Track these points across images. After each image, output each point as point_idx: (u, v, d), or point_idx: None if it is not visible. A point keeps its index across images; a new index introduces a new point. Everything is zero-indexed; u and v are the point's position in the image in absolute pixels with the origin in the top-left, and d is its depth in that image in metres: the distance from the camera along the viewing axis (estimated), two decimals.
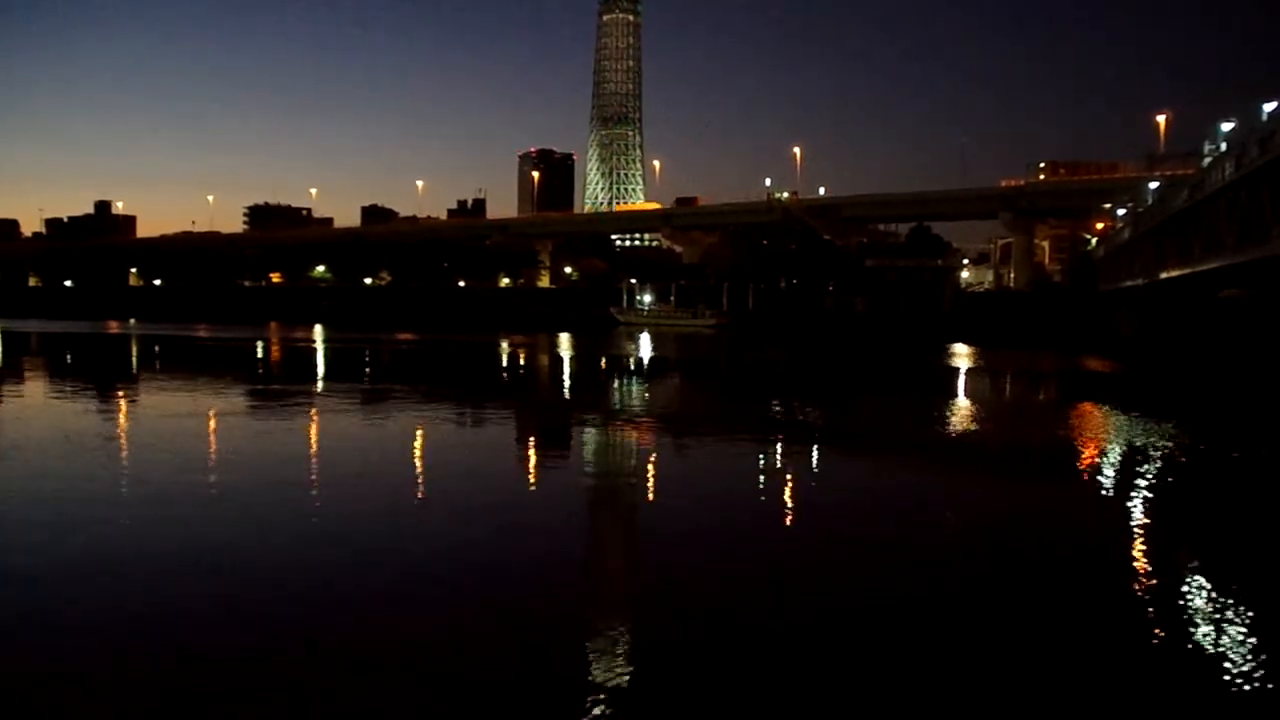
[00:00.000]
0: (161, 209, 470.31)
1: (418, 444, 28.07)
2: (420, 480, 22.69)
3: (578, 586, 14.47)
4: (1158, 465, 26.11)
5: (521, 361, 69.17)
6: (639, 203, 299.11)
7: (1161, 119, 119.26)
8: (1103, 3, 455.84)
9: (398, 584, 13.96)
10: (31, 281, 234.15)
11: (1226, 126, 62.11)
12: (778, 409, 39.90)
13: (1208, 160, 64.25)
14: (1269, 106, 50.51)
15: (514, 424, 35.39)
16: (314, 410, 35.58)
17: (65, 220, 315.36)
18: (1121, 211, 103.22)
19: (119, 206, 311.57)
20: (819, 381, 56.85)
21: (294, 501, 19.41)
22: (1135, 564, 16.17)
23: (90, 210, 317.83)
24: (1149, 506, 21.09)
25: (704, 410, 42.34)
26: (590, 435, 31.63)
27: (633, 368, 64.27)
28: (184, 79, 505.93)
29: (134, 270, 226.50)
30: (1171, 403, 46.80)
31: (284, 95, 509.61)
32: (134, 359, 66.45)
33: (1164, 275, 71.91)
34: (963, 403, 46.20)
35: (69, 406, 37.41)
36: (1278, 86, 47.87)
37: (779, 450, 28.31)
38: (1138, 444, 29.86)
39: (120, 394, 41.87)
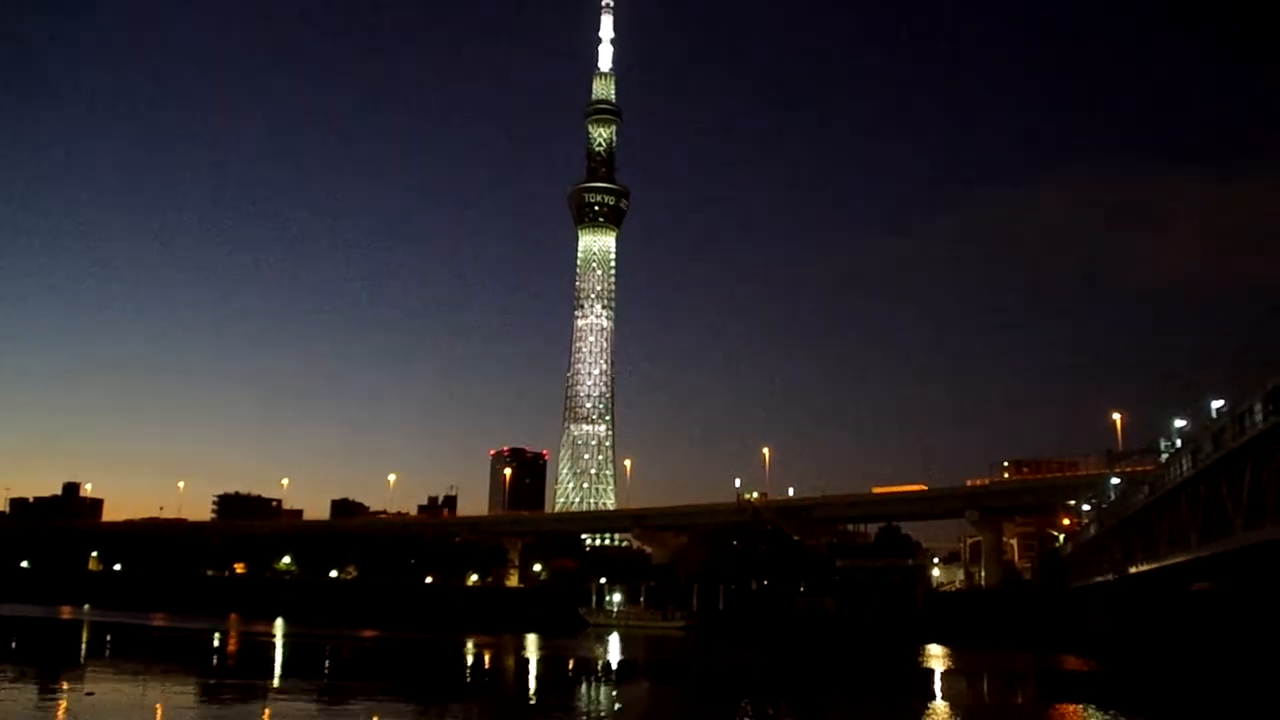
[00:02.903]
0: (132, 492, 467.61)
1: None
2: None
3: None
4: None
5: (486, 663, 66.93)
6: (609, 502, 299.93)
7: (1118, 417, 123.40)
8: (1049, 311, 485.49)
9: None
10: None
11: (1179, 423, 64.49)
12: (750, 715, 38.61)
13: (1164, 456, 66.13)
14: (1217, 403, 52.78)
15: None
16: (266, 711, 34.07)
17: (31, 500, 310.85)
18: (1086, 507, 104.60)
19: (88, 489, 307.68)
20: (793, 685, 55.23)
21: None
22: None
23: (59, 491, 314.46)
24: None
25: (675, 718, 40.85)
26: None
27: (601, 672, 62.30)
28: (162, 364, 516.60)
29: (95, 554, 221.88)
30: (1151, 701, 45.81)
31: (259, 386, 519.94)
32: (81, 648, 63.62)
33: (1133, 570, 72.01)
34: (941, 705, 44.95)
35: None
36: (1221, 385, 50.84)
37: None
38: None
39: (43, 687, 39.89)
